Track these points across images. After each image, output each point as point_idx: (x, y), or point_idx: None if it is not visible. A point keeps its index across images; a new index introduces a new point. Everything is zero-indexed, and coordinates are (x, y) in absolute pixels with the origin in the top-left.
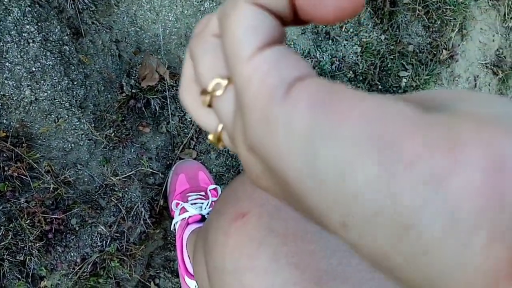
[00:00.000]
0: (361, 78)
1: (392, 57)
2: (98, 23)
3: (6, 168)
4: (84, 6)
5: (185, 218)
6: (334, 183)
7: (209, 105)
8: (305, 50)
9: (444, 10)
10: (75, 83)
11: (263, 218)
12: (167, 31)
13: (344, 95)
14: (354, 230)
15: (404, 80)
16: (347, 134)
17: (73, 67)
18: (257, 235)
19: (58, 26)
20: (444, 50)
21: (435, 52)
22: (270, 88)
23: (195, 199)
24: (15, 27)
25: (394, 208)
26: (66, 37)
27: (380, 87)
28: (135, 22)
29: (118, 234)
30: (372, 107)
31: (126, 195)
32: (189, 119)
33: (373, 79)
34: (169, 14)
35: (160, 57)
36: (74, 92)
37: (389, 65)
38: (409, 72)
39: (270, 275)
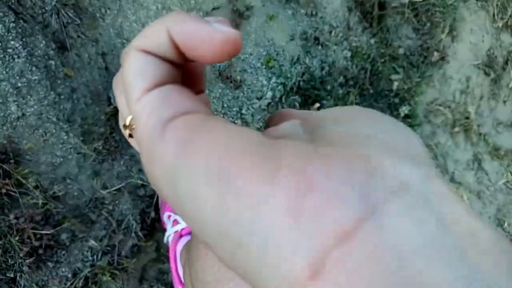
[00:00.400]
0: (352, 83)
1: (383, 61)
2: (84, 37)
3: None
4: (69, 20)
5: (178, 230)
6: (191, 212)
7: (131, 136)
8: (294, 57)
9: (433, 12)
10: (61, 97)
11: None
12: None
13: (206, 134)
14: (213, 248)
15: (396, 83)
16: (197, 168)
17: (59, 81)
18: None
19: (43, 41)
20: (435, 52)
21: (426, 54)
22: (151, 127)
23: None
24: (0, 44)
25: (229, 232)
26: (52, 52)
27: (371, 91)
28: (121, 34)
29: (109, 248)
30: (222, 142)
31: (116, 208)
32: None
33: (364, 83)
34: None
35: None
36: (61, 106)
37: (380, 69)
38: (400, 75)
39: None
